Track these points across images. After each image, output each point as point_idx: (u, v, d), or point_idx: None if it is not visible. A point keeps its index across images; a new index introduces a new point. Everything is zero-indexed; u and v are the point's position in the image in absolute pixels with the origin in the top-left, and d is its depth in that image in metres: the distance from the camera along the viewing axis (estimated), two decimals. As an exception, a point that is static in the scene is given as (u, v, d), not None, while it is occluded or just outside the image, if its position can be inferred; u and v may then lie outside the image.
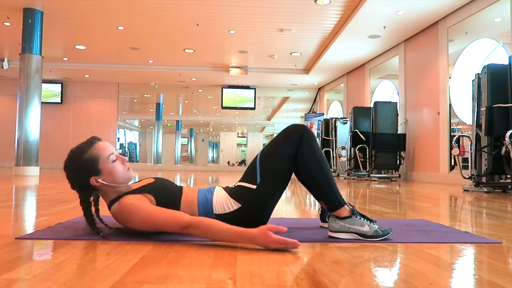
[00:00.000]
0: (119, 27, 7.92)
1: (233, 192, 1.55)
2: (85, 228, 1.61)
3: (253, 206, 1.51)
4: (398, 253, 1.29)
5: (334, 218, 1.49)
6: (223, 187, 1.60)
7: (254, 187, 1.51)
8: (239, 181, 1.57)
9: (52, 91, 12.93)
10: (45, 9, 7.07)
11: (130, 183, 1.54)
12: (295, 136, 1.53)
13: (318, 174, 1.51)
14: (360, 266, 1.11)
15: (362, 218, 1.48)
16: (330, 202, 1.50)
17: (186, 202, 1.53)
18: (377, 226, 1.48)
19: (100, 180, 1.44)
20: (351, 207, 1.50)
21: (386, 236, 1.48)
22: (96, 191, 1.51)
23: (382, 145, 7.31)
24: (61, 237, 1.43)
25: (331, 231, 1.50)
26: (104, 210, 1.56)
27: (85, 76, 12.23)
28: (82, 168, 1.43)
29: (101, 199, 1.56)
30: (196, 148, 18.75)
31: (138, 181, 1.60)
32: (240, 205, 1.50)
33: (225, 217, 1.48)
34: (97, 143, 1.47)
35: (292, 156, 1.53)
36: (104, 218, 1.55)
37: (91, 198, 1.51)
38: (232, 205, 1.51)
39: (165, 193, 1.51)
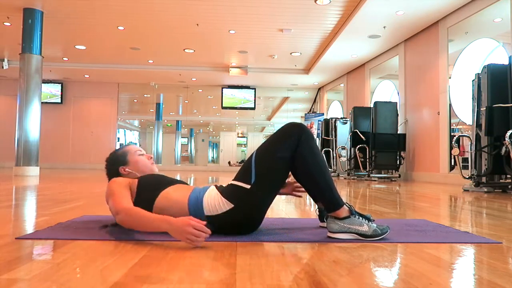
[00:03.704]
0: (119, 27, 7.92)
1: (225, 191, 1.49)
2: (85, 228, 1.61)
3: (246, 206, 1.46)
4: (398, 253, 1.29)
5: (333, 219, 1.48)
6: (216, 186, 1.55)
7: (248, 186, 1.46)
8: (232, 180, 1.51)
9: (50, 93, 12.91)
10: (45, 9, 7.06)
11: None
12: (292, 137, 1.48)
13: (317, 175, 1.48)
14: (360, 266, 1.11)
15: (360, 218, 1.48)
16: (329, 203, 1.49)
17: (171, 198, 1.51)
18: (375, 225, 1.48)
19: (127, 169, 1.73)
20: (349, 206, 1.49)
21: (385, 235, 1.48)
22: None
23: (382, 145, 7.31)
24: (61, 237, 1.43)
25: (330, 231, 1.49)
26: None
27: (85, 76, 12.23)
28: (115, 159, 1.76)
29: None
30: (196, 148, 18.74)
31: None
32: (232, 205, 1.45)
33: (217, 218, 1.46)
34: (130, 145, 1.83)
35: (289, 157, 1.48)
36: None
37: None
38: (224, 205, 1.46)
39: (150, 181, 1.59)
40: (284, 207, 2.62)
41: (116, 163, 1.75)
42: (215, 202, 1.47)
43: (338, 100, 12.46)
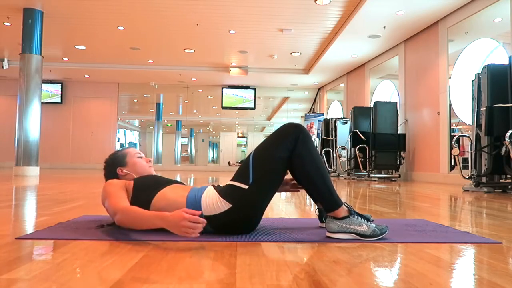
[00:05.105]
0: (119, 27, 7.92)
1: (223, 191, 1.50)
2: (85, 228, 1.61)
3: (245, 206, 1.46)
4: (398, 253, 1.29)
5: (332, 219, 1.48)
6: (214, 186, 1.56)
7: (246, 187, 1.46)
8: (230, 180, 1.52)
9: (50, 93, 12.91)
10: (45, 9, 7.07)
11: None
12: (290, 137, 1.49)
13: (315, 175, 1.48)
14: (360, 266, 1.11)
15: (359, 218, 1.47)
16: (327, 203, 1.49)
17: (169, 198, 1.50)
18: (374, 225, 1.48)
19: (125, 171, 1.75)
20: (348, 206, 1.49)
21: (384, 235, 1.48)
22: None
23: (382, 145, 7.31)
24: (61, 237, 1.43)
25: (329, 231, 1.49)
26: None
27: (85, 76, 12.23)
28: (114, 160, 1.79)
29: None
30: (196, 148, 18.74)
31: None
32: (231, 205, 1.46)
33: (216, 218, 1.46)
34: (131, 147, 1.88)
35: (287, 157, 1.49)
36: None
37: None
38: (222, 205, 1.46)
39: (146, 182, 1.60)
40: (284, 207, 2.62)
41: (114, 164, 1.78)
42: (213, 202, 1.47)
43: (338, 100, 12.46)
